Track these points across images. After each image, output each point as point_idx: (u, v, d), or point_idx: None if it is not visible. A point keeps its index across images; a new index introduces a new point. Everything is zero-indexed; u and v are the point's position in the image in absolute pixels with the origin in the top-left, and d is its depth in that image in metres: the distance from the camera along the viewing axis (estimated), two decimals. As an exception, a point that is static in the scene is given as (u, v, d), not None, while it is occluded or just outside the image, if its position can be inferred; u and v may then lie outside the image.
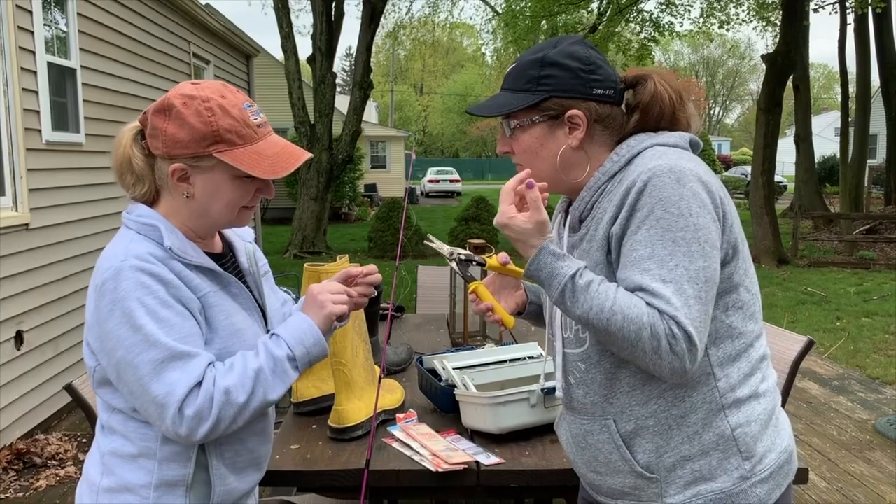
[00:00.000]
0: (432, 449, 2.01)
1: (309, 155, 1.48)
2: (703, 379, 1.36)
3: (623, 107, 1.46)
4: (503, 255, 1.62)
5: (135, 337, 1.31)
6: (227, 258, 1.55)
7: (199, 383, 1.32)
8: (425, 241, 1.73)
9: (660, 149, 1.38)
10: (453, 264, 1.62)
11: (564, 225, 1.50)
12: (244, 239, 1.63)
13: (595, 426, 1.44)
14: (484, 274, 1.66)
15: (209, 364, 1.36)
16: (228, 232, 1.61)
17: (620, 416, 1.40)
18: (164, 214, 1.44)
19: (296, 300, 1.82)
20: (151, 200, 1.46)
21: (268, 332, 1.55)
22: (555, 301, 1.36)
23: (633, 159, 1.39)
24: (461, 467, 1.91)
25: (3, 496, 3.89)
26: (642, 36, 18.11)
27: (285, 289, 1.90)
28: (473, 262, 1.62)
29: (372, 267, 1.57)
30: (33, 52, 4.98)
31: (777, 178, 17.87)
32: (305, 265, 2.19)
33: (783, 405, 2.52)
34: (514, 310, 1.65)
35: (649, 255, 1.28)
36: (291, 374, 1.40)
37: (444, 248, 1.63)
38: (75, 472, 4.15)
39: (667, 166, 1.30)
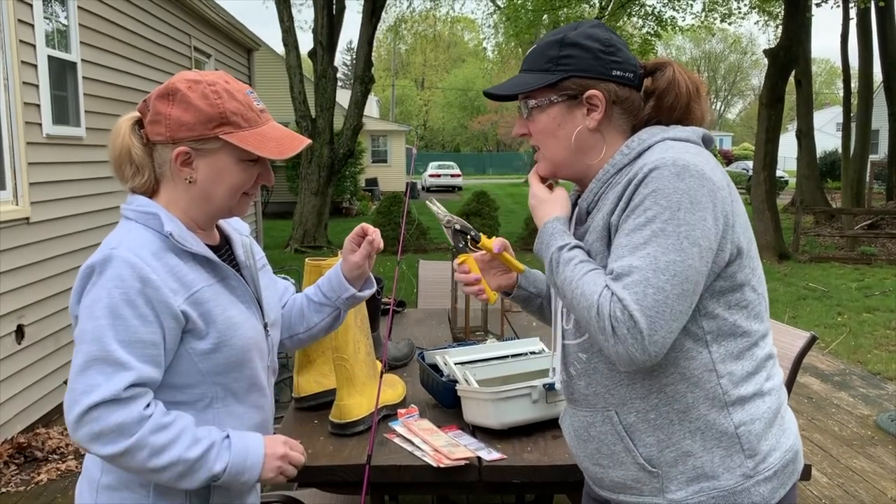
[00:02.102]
0: (434, 444, 2.01)
1: (309, 141, 1.49)
2: (706, 376, 1.34)
3: (642, 93, 1.45)
4: (499, 242, 1.63)
5: (88, 324, 1.31)
6: (223, 250, 1.54)
7: (121, 401, 1.29)
8: (427, 203, 1.73)
9: (670, 143, 1.36)
10: (448, 232, 1.64)
11: (572, 219, 1.50)
12: (241, 233, 1.62)
13: (597, 418, 1.44)
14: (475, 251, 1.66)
15: (144, 390, 1.32)
16: (225, 226, 1.60)
17: (622, 408, 1.40)
18: (164, 204, 1.43)
19: (297, 290, 1.81)
20: (151, 191, 1.45)
21: (264, 325, 1.54)
22: (546, 275, 1.41)
23: (643, 153, 1.38)
24: (463, 463, 1.91)
25: (4, 490, 3.90)
26: (644, 30, 18.08)
27: (284, 276, 1.89)
28: (469, 236, 1.64)
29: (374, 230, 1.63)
30: (34, 46, 4.97)
31: (778, 173, 17.86)
32: (307, 260, 2.18)
33: (785, 401, 2.53)
34: (496, 289, 1.67)
35: (627, 241, 1.29)
36: (201, 483, 1.36)
37: (443, 215, 1.65)
38: (76, 466, 4.15)
39: (670, 160, 1.29)
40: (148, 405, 1.33)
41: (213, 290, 1.42)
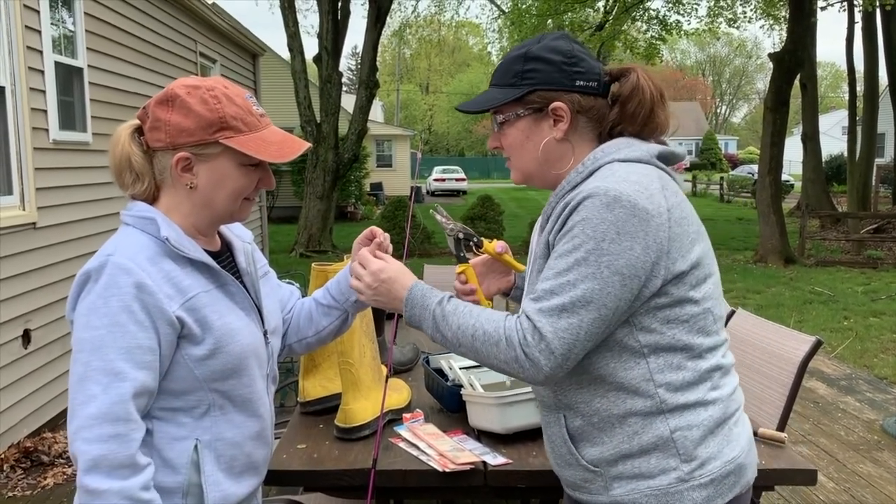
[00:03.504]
0: (439, 449, 2.01)
1: (309, 144, 1.49)
2: (644, 385, 1.38)
3: (609, 99, 1.48)
4: (501, 244, 1.69)
5: (86, 333, 1.31)
6: (224, 257, 1.54)
7: (118, 421, 1.27)
8: (431, 211, 1.75)
9: (616, 166, 1.39)
10: (450, 240, 1.67)
11: (537, 225, 1.55)
12: (243, 239, 1.61)
13: (552, 419, 1.50)
14: (479, 254, 1.70)
15: (141, 405, 1.32)
16: (227, 232, 1.59)
17: (569, 412, 1.45)
18: (164, 210, 1.43)
19: (303, 295, 1.81)
20: (152, 198, 1.45)
21: (264, 332, 1.53)
22: (431, 334, 1.44)
23: (595, 172, 1.41)
24: (468, 467, 1.91)
25: (10, 494, 3.91)
26: (649, 35, 18.09)
27: (289, 280, 1.89)
28: (472, 242, 1.68)
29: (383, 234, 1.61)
30: (41, 52, 4.99)
31: (784, 176, 17.80)
32: (313, 265, 2.19)
33: (791, 405, 2.52)
34: (496, 293, 1.74)
35: (554, 265, 1.34)
36: None
37: (447, 223, 1.67)
38: (82, 471, 4.16)
39: (604, 189, 1.32)
40: (140, 452, 1.31)
41: (210, 295, 1.41)
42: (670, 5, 17.45)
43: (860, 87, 17.37)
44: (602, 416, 1.41)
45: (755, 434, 2.18)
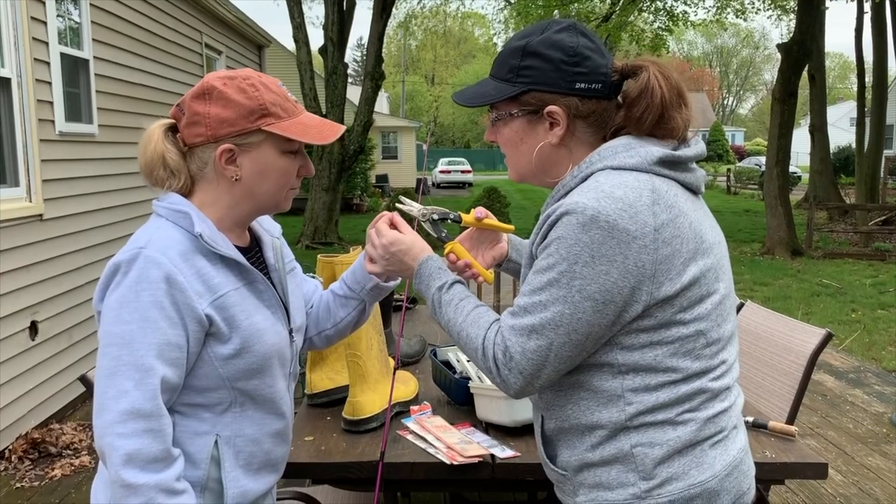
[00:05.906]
0: (447, 441, 2.00)
1: (345, 127, 1.49)
2: (614, 400, 1.31)
3: (620, 98, 1.36)
4: (480, 210, 1.62)
5: (116, 327, 1.29)
6: (253, 252, 1.52)
7: (150, 417, 1.27)
8: (396, 205, 1.67)
9: (606, 175, 1.29)
10: (427, 225, 1.62)
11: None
12: (272, 234, 1.60)
13: (535, 417, 1.48)
14: (462, 230, 1.65)
15: (167, 399, 1.32)
16: (256, 227, 1.58)
17: (547, 413, 1.41)
18: (199, 205, 1.41)
19: None
20: (186, 193, 1.43)
21: (290, 330, 1.52)
22: (431, 314, 1.44)
23: (587, 179, 1.32)
24: (476, 460, 1.90)
25: (18, 485, 3.92)
26: (656, 25, 18.00)
27: (312, 274, 1.88)
28: (449, 220, 1.62)
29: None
30: (46, 43, 4.99)
31: (792, 168, 17.71)
32: (319, 256, 2.18)
33: (801, 398, 2.51)
34: (491, 264, 1.67)
35: (530, 281, 1.29)
36: None
37: (415, 209, 1.62)
38: (90, 462, 4.17)
39: (582, 206, 1.23)
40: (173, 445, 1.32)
41: (239, 294, 1.40)
42: (677, -5, 17.34)
43: (869, 78, 17.26)
44: (571, 422, 1.36)
45: (764, 427, 2.17)
